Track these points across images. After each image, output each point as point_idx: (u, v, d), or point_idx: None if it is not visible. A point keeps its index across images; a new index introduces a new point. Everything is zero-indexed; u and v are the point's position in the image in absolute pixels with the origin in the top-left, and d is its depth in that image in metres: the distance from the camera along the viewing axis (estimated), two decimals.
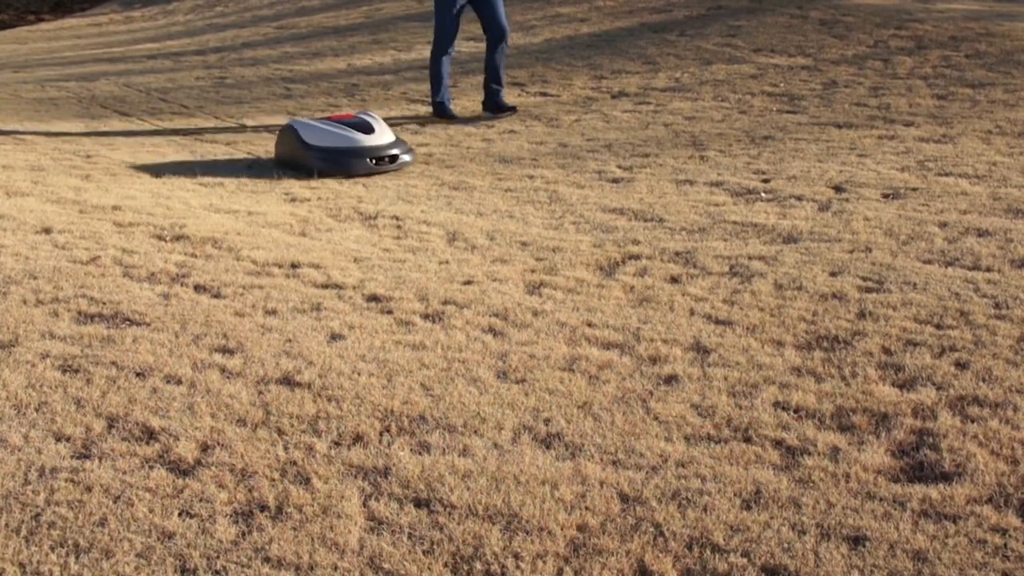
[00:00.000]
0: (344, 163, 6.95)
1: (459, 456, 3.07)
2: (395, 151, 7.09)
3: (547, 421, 3.28)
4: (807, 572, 2.55)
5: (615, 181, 6.55)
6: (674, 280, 4.59)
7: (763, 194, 6.00)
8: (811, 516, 2.77)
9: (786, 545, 2.65)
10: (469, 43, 12.21)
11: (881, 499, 2.85)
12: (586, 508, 2.81)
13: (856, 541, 2.66)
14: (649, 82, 9.97)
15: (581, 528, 2.73)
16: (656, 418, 3.30)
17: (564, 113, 8.99)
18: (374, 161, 6.98)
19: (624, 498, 2.86)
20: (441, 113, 9.00)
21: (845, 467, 3.00)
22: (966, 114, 7.79)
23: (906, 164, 6.50)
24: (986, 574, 2.53)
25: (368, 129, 7.10)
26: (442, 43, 8.87)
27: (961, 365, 3.63)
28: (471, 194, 6.43)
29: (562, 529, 2.72)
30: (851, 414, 3.31)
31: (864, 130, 7.57)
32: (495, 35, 8.92)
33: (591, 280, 4.62)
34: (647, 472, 2.99)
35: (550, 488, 2.90)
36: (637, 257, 4.92)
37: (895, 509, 2.80)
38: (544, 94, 9.94)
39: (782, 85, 9.35)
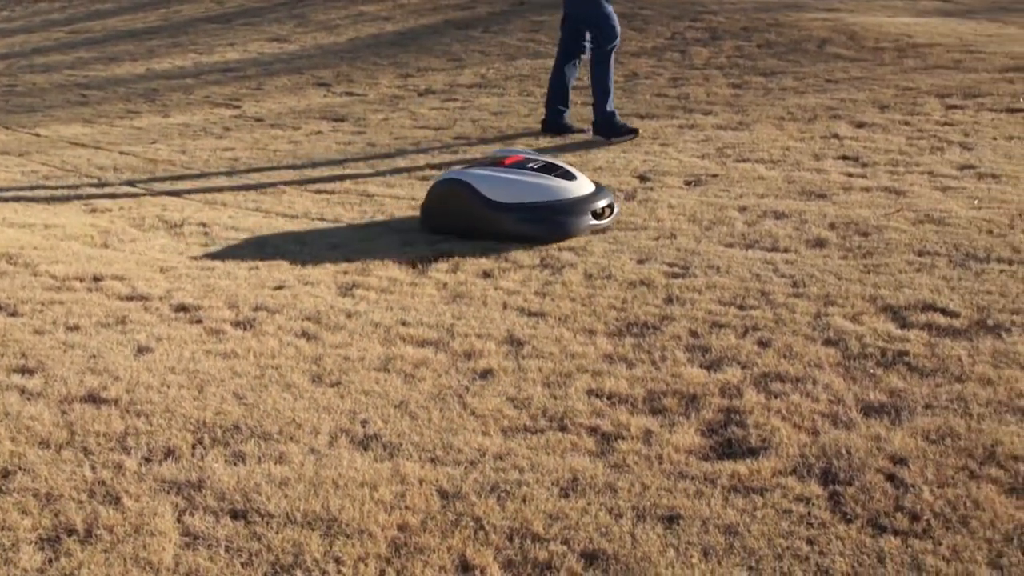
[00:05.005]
0: (560, 223, 5.15)
1: (275, 464, 3.02)
2: (608, 200, 5.35)
3: (364, 423, 3.25)
4: (625, 554, 2.60)
5: (425, 179, 6.55)
6: (486, 275, 4.62)
7: None
8: (627, 499, 2.83)
9: (604, 530, 2.69)
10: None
11: (693, 478, 2.93)
12: (406, 507, 2.80)
13: (671, 520, 2.73)
14: (455, 79, 10.01)
15: (402, 528, 2.72)
16: (473, 413, 3.32)
17: (371, 112, 8.94)
18: (592, 217, 5.24)
19: (443, 495, 2.86)
20: (616, 128, 7.32)
21: (658, 449, 3.07)
22: (760, 102, 8.09)
23: (706, 152, 6.71)
24: (792, 542, 2.63)
25: (567, 174, 5.39)
26: (614, 27, 7.27)
27: (763, 343, 3.76)
28: (280, 197, 6.34)
29: (383, 530, 2.70)
30: (662, 397, 3.39)
31: (665, 120, 7.78)
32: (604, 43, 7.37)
33: (404, 279, 4.61)
34: (465, 467, 3.00)
35: (369, 490, 2.88)
36: (449, 254, 4.93)
37: (706, 487, 2.88)
38: (350, 94, 9.87)
39: (585, 79, 9.52)
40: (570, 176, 5.36)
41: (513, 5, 12.78)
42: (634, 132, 7.28)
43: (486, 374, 3.60)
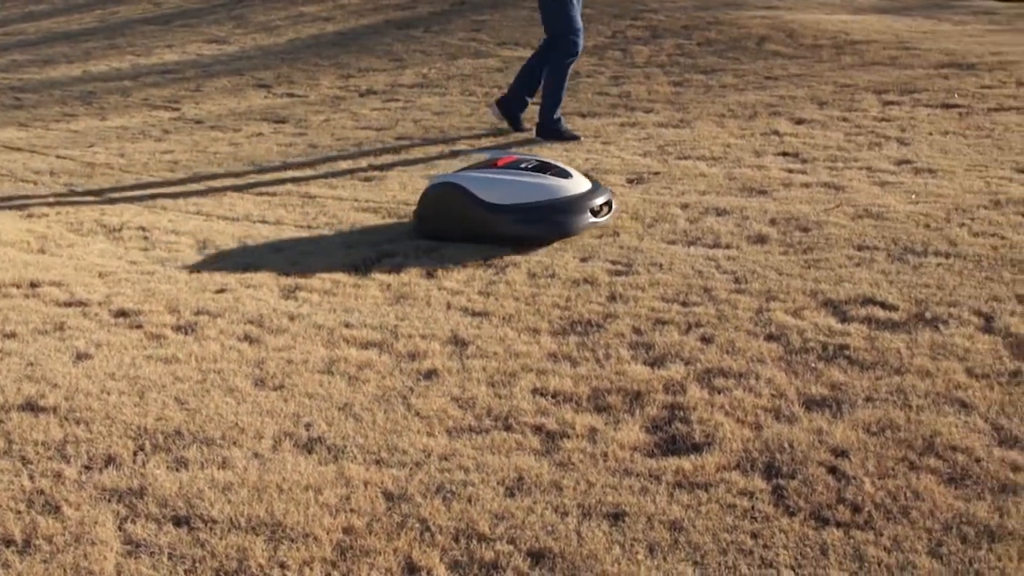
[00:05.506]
0: (558, 223, 5.02)
1: (218, 469, 2.99)
2: (607, 197, 5.23)
3: (308, 426, 3.23)
4: (571, 552, 2.60)
5: (367, 180, 6.53)
6: (430, 275, 4.61)
7: None
8: (572, 497, 2.83)
9: (550, 528, 2.70)
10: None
11: (638, 475, 2.94)
12: (351, 510, 2.79)
13: (616, 517, 2.74)
14: (397, 79, 9.98)
15: (347, 531, 2.70)
16: (417, 414, 3.31)
17: (312, 113, 8.89)
18: (591, 215, 5.11)
19: (389, 496, 2.85)
20: (559, 134, 7.28)
21: (603, 447, 3.08)
22: (700, 99, 8.15)
23: (648, 149, 6.74)
24: (737, 536, 2.65)
25: (562, 172, 5.25)
26: (575, 43, 7.26)
27: (706, 339, 3.78)
28: (221, 200, 6.28)
29: (328, 533, 2.69)
30: (606, 395, 3.40)
31: (607, 118, 7.81)
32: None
33: (347, 280, 4.58)
34: (411, 468, 2.99)
35: (314, 493, 2.86)
36: (392, 255, 4.91)
37: (651, 483, 2.89)
38: (291, 95, 9.81)
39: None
40: (565, 174, 5.23)
41: (454, 5, 12.77)
42: (576, 139, 7.24)
43: (430, 375, 3.59)
